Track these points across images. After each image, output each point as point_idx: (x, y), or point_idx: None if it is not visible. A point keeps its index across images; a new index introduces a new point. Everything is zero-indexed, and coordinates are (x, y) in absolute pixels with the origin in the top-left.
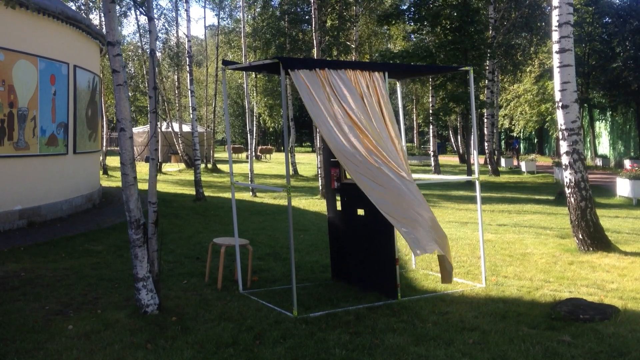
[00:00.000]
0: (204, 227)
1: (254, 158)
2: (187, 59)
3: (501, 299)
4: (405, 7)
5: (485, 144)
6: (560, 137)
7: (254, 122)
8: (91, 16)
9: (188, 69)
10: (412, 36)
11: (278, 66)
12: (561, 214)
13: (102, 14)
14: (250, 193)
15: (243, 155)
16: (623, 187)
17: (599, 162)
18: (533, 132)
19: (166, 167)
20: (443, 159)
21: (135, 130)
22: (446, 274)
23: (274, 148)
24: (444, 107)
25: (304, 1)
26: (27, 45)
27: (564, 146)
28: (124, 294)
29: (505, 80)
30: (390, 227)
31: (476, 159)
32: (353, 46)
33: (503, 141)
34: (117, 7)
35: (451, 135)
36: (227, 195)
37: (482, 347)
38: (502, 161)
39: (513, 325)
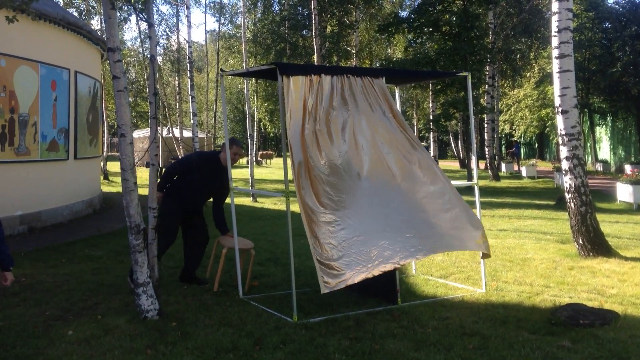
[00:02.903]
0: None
1: (254, 163)
2: (188, 64)
3: (501, 304)
4: (405, 16)
5: (486, 149)
6: (560, 142)
7: (255, 128)
8: (92, 22)
9: (189, 75)
10: (413, 43)
11: (275, 72)
12: (561, 219)
13: (103, 20)
14: (251, 198)
15: (243, 161)
16: (623, 192)
17: (599, 167)
18: (533, 137)
19: None
20: (444, 164)
21: (135, 135)
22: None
23: (275, 153)
24: (445, 113)
25: (304, 6)
26: (28, 51)
27: (563, 151)
28: (124, 299)
29: (505, 85)
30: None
31: (475, 164)
32: (353, 52)
33: (504, 146)
34: (118, 14)
35: (452, 140)
36: (227, 200)
37: (482, 352)
38: (503, 166)
39: (513, 331)
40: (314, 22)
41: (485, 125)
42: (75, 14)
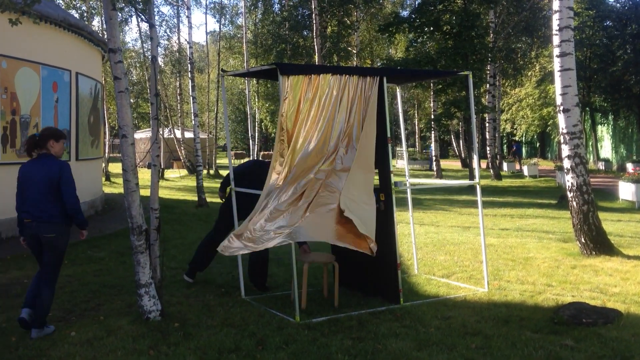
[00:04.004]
0: (206, 233)
1: None
2: (189, 65)
3: (504, 303)
4: (406, 15)
5: (487, 148)
6: (562, 141)
7: (256, 128)
8: (93, 23)
9: (190, 75)
10: (414, 42)
11: (276, 72)
12: (564, 218)
13: (104, 21)
14: None
15: (245, 161)
16: (625, 190)
17: (601, 165)
18: (535, 136)
19: (168, 173)
20: (445, 164)
21: (137, 136)
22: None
23: None
24: (446, 112)
25: (305, 7)
26: (30, 53)
27: (565, 150)
28: (126, 300)
29: (506, 84)
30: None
31: (477, 163)
32: (354, 52)
33: (505, 145)
34: (119, 15)
35: (453, 139)
36: None
37: (484, 351)
38: (505, 165)
39: (516, 330)
40: (314, 22)
41: (487, 125)
42: (76, 15)
